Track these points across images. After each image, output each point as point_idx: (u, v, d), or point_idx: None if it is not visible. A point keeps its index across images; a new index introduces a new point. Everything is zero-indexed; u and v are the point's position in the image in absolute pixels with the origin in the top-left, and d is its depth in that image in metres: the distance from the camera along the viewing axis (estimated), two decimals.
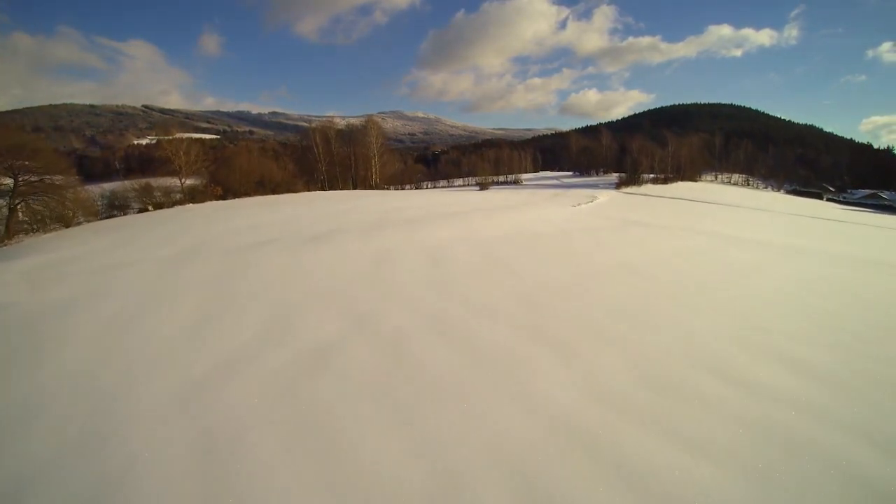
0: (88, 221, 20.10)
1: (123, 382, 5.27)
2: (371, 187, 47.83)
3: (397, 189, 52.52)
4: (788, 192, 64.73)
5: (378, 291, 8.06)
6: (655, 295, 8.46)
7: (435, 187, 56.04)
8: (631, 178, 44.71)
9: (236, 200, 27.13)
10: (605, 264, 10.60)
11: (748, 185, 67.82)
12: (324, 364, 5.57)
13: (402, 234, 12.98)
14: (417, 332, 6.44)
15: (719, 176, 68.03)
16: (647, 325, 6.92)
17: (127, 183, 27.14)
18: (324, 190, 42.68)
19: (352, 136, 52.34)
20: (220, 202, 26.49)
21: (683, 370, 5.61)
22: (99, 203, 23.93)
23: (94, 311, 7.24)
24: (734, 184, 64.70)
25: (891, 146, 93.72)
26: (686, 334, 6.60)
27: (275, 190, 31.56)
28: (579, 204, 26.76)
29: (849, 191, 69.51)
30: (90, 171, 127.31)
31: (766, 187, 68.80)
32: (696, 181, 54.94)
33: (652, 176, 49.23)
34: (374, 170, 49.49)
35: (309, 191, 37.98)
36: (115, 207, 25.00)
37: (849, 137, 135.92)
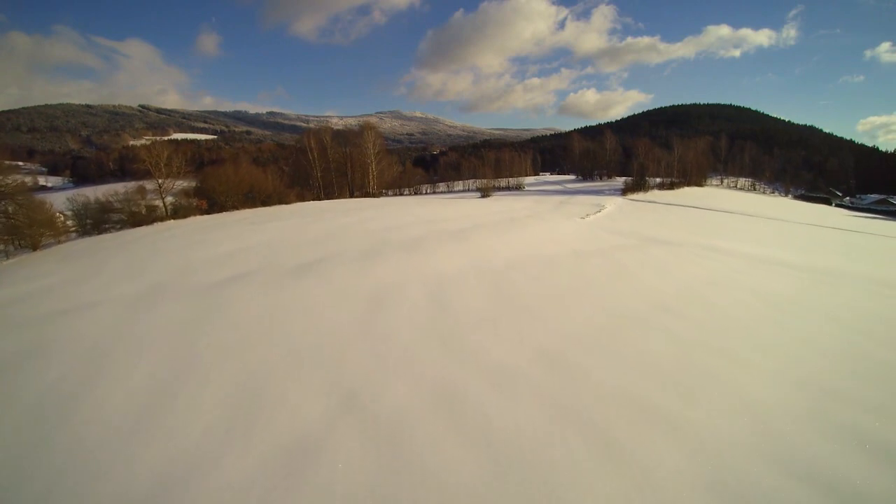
0: (60, 242, 18.74)
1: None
2: (369, 194, 46.49)
3: (395, 194, 51.24)
4: (796, 197, 63.55)
5: (372, 350, 6.75)
6: (699, 347, 7.21)
7: (434, 192, 54.78)
8: (638, 183, 43.31)
9: (221, 215, 25.67)
10: (632, 301, 9.33)
11: (755, 189, 66.59)
12: (300, 473, 4.29)
13: (400, 262, 11.63)
14: (421, 415, 5.15)
15: (725, 180, 66.67)
16: (702, 398, 5.66)
17: (118, 186, 25.89)
18: (319, 198, 41.33)
19: (348, 139, 50.92)
20: (204, 217, 25.06)
21: (761, 471, 4.42)
22: (72, 218, 22.60)
23: (26, 384, 5.93)
24: (740, 188, 63.42)
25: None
26: (751, 412, 5.38)
27: (266, 201, 29.84)
28: (587, 215, 25.55)
29: (857, 196, 68.37)
30: (84, 172, 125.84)
31: (772, 192, 67.48)
32: (702, 186, 53.65)
33: (658, 181, 47.86)
34: (371, 176, 48.09)
35: (303, 200, 36.53)
36: (106, 211, 23.72)
37: (848, 138, 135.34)
